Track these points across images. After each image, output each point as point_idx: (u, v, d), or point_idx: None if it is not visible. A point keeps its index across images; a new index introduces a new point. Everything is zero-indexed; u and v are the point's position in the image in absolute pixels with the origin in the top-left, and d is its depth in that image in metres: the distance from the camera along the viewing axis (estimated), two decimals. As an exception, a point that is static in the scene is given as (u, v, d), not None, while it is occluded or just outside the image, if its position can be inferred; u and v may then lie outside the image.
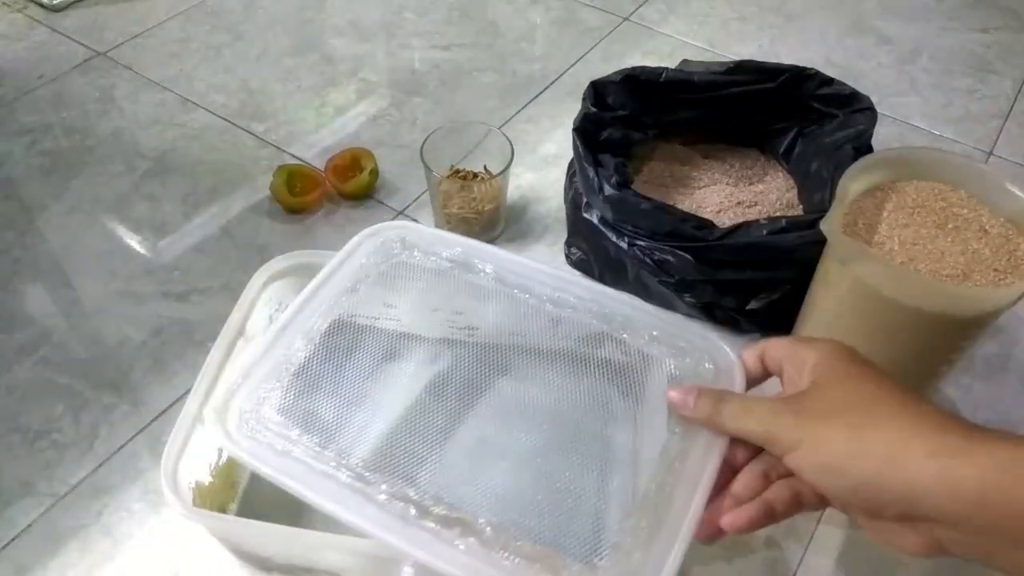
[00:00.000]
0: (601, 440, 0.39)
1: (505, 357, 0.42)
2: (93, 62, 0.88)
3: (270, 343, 0.40)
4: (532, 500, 0.36)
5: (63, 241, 0.69)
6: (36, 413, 0.57)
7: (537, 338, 0.43)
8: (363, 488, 0.35)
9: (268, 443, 0.37)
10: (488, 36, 0.92)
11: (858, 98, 0.65)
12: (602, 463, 0.38)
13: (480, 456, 0.38)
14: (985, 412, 0.57)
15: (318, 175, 0.72)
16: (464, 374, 0.42)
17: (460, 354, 0.43)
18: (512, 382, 0.42)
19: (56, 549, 0.50)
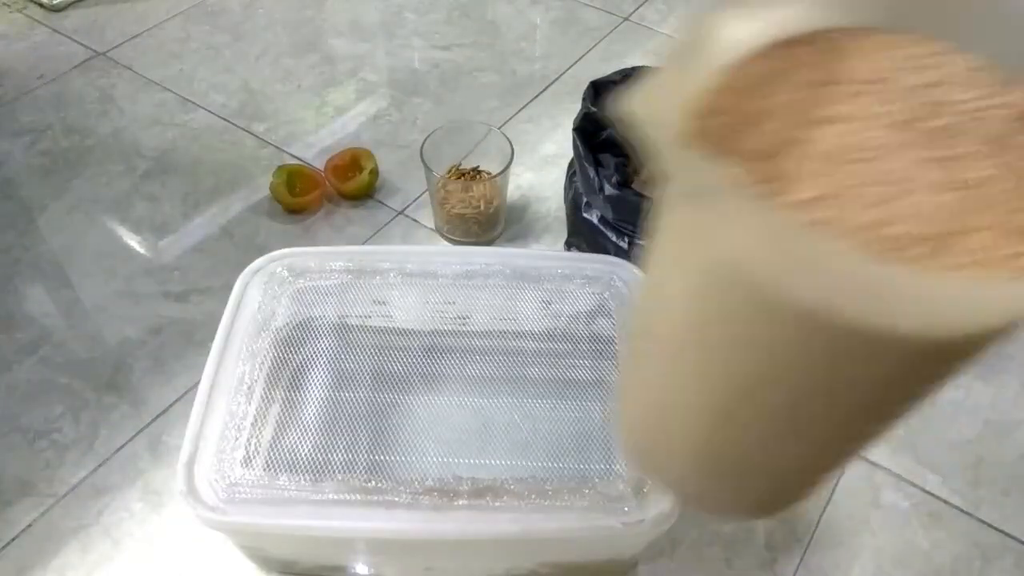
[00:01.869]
0: (589, 382, 0.40)
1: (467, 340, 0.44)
2: (93, 62, 0.88)
3: (204, 411, 0.41)
4: (545, 450, 0.37)
5: (63, 241, 0.69)
6: (36, 413, 0.57)
7: (486, 317, 0.44)
8: (380, 497, 0.36)
9: (262, 499, 0.37)
10: (488, 36, 0.92)
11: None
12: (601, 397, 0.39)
13: (477, 428, 0.39)
14: (986, 412, 0.57)
15: (318, 175, 0.72)
16: (419, 362, 0.43)
17: (402, 342, 0.44)
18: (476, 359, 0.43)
19: (56, 549, 0.50)
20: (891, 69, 0.21)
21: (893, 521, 0.51)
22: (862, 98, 0.20)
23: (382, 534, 0.38)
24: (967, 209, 0.18)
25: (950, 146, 0.19)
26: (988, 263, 0.17)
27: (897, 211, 0.18)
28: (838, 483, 0.53)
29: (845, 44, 0.21)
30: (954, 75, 0.21)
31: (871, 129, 0.19)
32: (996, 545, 0.51)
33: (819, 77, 0.21)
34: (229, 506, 0.38)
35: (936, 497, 0.53)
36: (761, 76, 0.21)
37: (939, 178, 0.18)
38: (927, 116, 0.20)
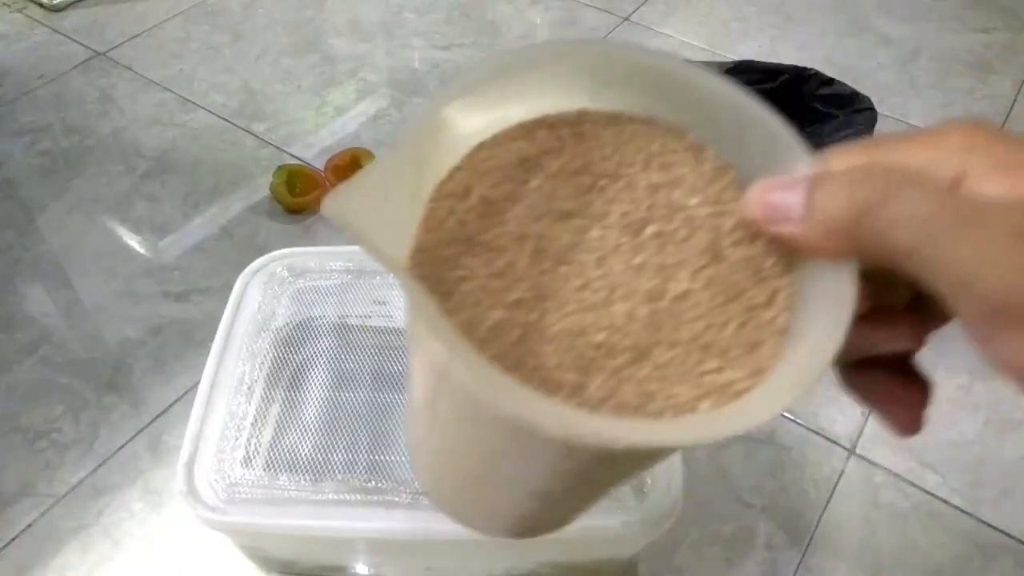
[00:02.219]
0: None
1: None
2: (93, 62, 0.88)
3: (204, 411, 0.41)
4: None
5: (63, 241, 0.69)
6: (36, 413, 0.57)
7: None
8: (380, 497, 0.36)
9: (262, 499, 0.37)
10: (488, 36, 0.92)
11: (858, 98, 0.65)
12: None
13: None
14: (985, 412, 0.57)
15: (318, 175, 0.72)
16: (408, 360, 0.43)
17: (401, 342, 0.44)
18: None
19: (56, 549, 0.50)
20: (637, 163, 0.20)
21: (893, 521, 0.51)
22: (602, 194, 0.20)
23: (382, 534, 0.38)
24: (662, 322, 0.18)
25: (670, 253, 0.19)
26: (674, 378, 0.17)
27: (599, 319, 0.18)
28: (838, 483, 0.54)
29: (600, 132, 0.20)
30: (690, 177, 0.20)
31: (602, 228, 0.19)
32: (996, 545, 0.51)
33: (568, 166, 0.20)
34: (229, 506, 0.38)
35: (936, 497, 0.53)
36: (512, 160, 0.20)
37: (649, 287, 0.18)
38: (658, 219, 0.19)
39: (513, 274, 0.18)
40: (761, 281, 0.19)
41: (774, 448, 0.55)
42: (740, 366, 0.18)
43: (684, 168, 0.20)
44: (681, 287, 0.18)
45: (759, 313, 0.18)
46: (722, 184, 0.20)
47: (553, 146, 0.20)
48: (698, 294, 0.18)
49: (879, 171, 0.16)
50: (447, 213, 0.19)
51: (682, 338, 0.18)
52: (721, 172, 0.20)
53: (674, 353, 0.18)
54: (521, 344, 0.17)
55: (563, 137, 0.20)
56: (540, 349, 0.17)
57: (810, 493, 0.53)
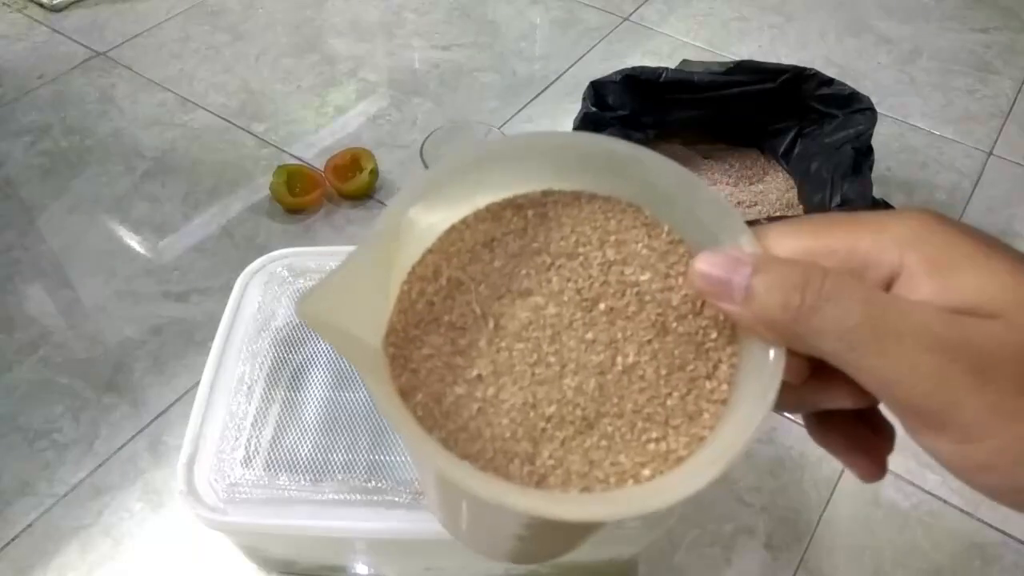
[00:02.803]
0: None
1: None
2: (93, 62, 0.88)
3: (204, 411, 0.41)
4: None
5: (63, 241, 0.69)
6: (36, 413, 0.57)
7: None
8: (380, 497, 0.36)
9: (262, 499, 0.37)
10: (488, 36, 0.92)
11: (858, 98, 0.65)
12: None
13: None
14: (985, 412, 0.57)
15: (318, 175, 0.72)
16: None
17: None
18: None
19: (56, 549, 0.50)
20: (592, 241, 0.22)
21: (893, 521, 0.51)
22: (559, 272, 0.21)
23: (382, 534, 0.38)
24: (610, 394, 0.20)
25: (620, 328, 0.20)
26: (619, 447, 0.19)
27: (551, 393, 0.20)
28: (838, 483, 0.54)
29: (562, 211, 0.22)
30: (643, 252, 0.21)
31: (558, 305, 0.21)
32: (996, 545, 0.51)
33: (530, 247, 0.22)
34: (229, 506, 0.38)
35: (936, 497, 0.53)
36: (480, 241, 0.22)
37: (598, 360, 0.20)
38: (610, 295, 0.21)
39: (474, 352, 0.20)
40: (704, 353, 0.20)
41: (774, 448, 0.55)
42: (681, 435, 0.19)
43: (637, 244, 0.21)
44: (629, 360, 0.20)
45: (701, 384, 0.20)
46: (674, 259, 0.21)
47: (518, 226, 0.22)
48: (644, 366, 0.20)
49: (814, 276, 0.17)
50: (418, 295, 0.21)
51: (627, 409, 0.19)
52: (674, 247, 0.21)
53: (619, 423, 0.19)
54: (480, 416, 0.19)
55: (528, 217, 0.22)
56: (497, 421, 0.19)
57: (810, 493, 0.53)
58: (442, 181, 0.21)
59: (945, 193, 0.74)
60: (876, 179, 0.63)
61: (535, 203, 0.22)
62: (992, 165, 0.77)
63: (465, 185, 0.22)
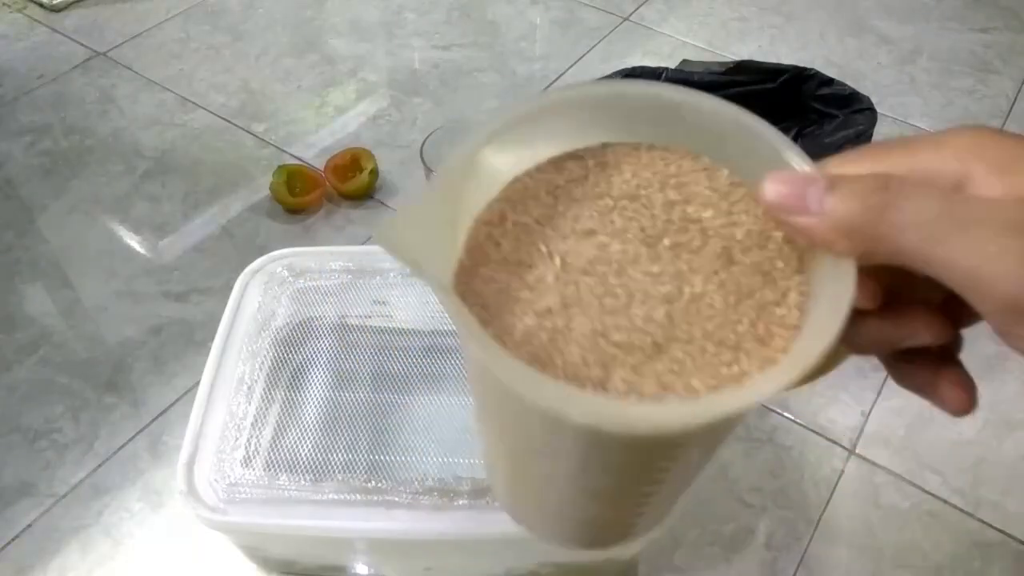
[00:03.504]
0: None
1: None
2: (93, 62, 0.88)
3: (204, 411, 0.41)
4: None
5: (63, 241, 0.69)
6: (36, 413, 0.57)
7: None
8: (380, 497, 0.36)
9: (262, 499, 0.37)
10: (488, 36, 0.92)
11: (858, 98, 0.65)
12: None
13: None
14: (985, 412, 0.57)
15: (318, 175, 0.72)
16: (419, 362, 0.43)
17: (402, 342, 0.44)
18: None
19: (56, 549, 0.50)
20: (654, 184, 0.22)
21: (893, 521, 0.51)
22: (622, 213, 0.22)
23: (382, 534, 0.38)
24: (678, 322, 0.20)
25: (685, 261, 0.21)
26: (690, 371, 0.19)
27: (619, 321, 0.20)
28: (838, 483, 0.54)
29: (621, 160, 0.23)
30: (704, 193, 0.22)
31: (622, 243, 0.21)
32: (996, 545, 0.51)
33: (592, 191, 0.22)
34: (229, 506, 0.38)
35: (936, 497, 0.53)
36: (542, 189, 0.23)
37: (665, 291, 0.20)
38: (674, 231, 0.22)
39: (542, 286, 0.21)
40: (772, 282, 0.20)
41: (774, 448, 0.55)
42: (753, 358, 0.19)
43: (698, 186, 0.22)
44: (696, 290, 0.20)
45: (771, 310, 0.20)
46: (735, 197, 0.22)
47: (579, 175, 0.23)
48: (712, 295, 0.20)
49: (890, 180, 0.17)
50: (485, 237, 0.22)
51: (697, 335, 0.20)
52: (734, 187, 0.22)
53: (690, 348, 0.19)
54: (550, 345, 0.20)
55: (588, 166, 0.23)
56: (567, 349, 0.19)
57: (810, 493, 0.53)
58: (509, 126, 0.22)
59: (945, 193, 0.74)
60: (876, 179, 0.63)
61: (595, 154, 0.23)
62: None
63: (527, 134, 0.22)
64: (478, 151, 0.22)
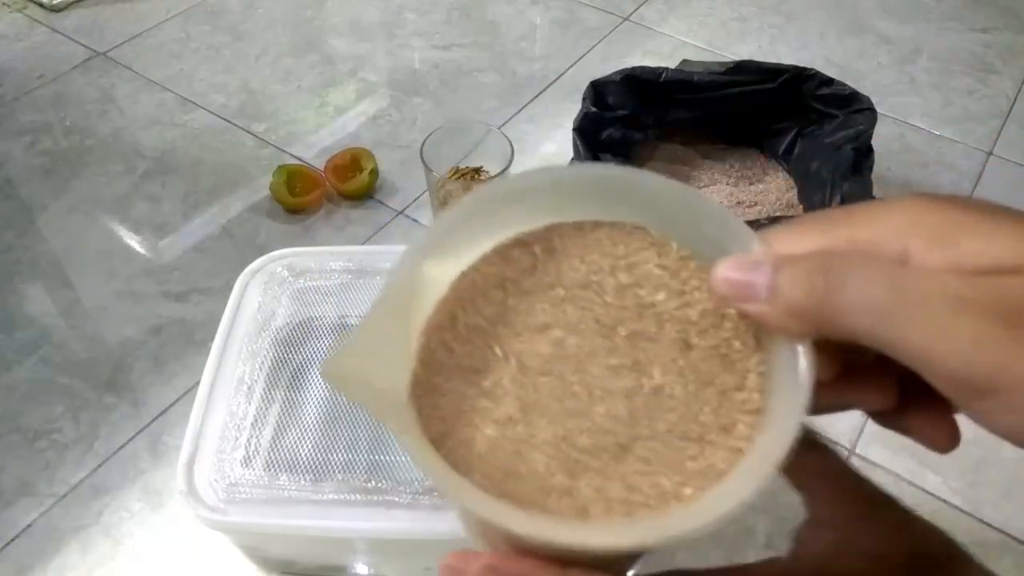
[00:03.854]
0: None
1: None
2: (93, 62, 0.88)
3: (204, 411, 0.41)
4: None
5: (63, 241, 0.69)
6: (36, 413, 0.57)
7: None
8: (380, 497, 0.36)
9: (262, 499, 0.37)
10: (488, 36, 0.92)
11: (858, 98, 0.65)
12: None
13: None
14: (985, 412, 0.57)
15: (318, 175, 0.72)
16: None
17: None
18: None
19: (56, 549, 0.50)
20: (603, 267, 0.22)
21: (893, 521, 0.51)
22: (575, 303, 0.21)
23: (382, 534, 0.38)
24: (640, 417, 0.19)
25: (642, 350, 0.20)
26: (657, 469, 0.19)
27: (581, 423, 0.19)
28: (838, 483, 0.54)
29: (568, 243, 0.22)
30: (655, 272, 0.21)
31: (578, 336, 0.21)
32: (996, 545, 0.51)
33: (542, 281, 0.22)
34: (229, 506, 0.38)
35: (936, 497, 0.53)
36: (492, 284, 0.22)
37: (625, 385, 0.20)
38: (628, 319, 0.21)
39: (500, 391, 0.20)
40: (731, 365, 0.20)
41: (774, 448, 0.55)
42: (718, 449, 0.19)
43: (648, 265, 0.21)
44: (655, 381, 0.20)
45: (732, 396, 0.20)
46: (686, 274, 0.21)
47: (527, 264, 0.22)
48: (672, 385, 0.20)
49: (834, 259, 0.17)
50: (437, 344, 0.21)
51: (660, 430, 0.19)
52: (684, 263, 0.21)
53: (655, 445, 0.19)
54: (514, 455, 0.19)
55: (536, 253, 0.22)
56: (530, 457, 0.19)
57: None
58: (447, 232, 0.21)
59: (945, 193, 0.74)
60: (876, 179, 0.63)
61: (541, 238, 0.22)
62: (992, 165, 0.77)
63: (470, 232, 0.22)
64: (418, 267, 0.21)
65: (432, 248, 0.21)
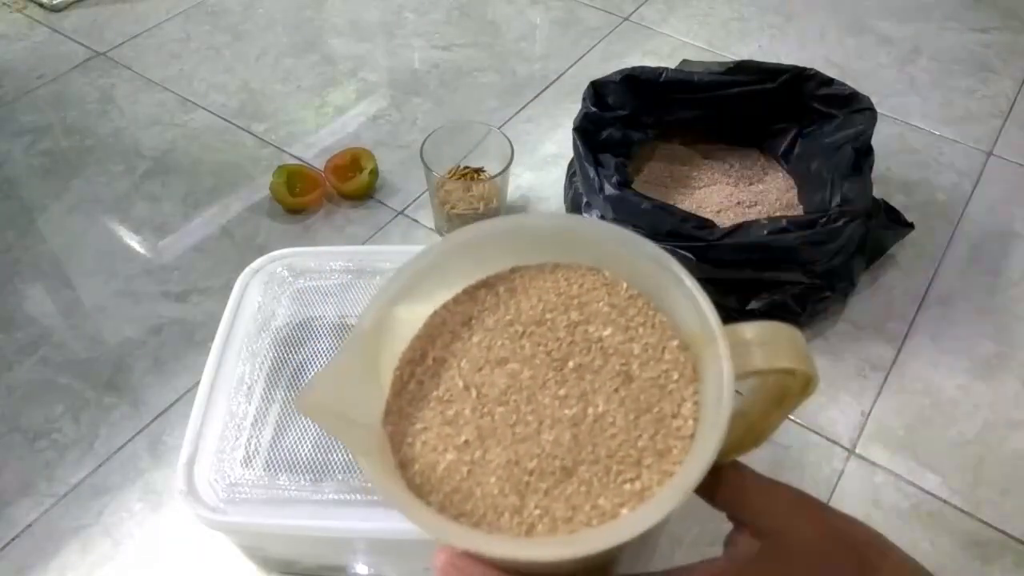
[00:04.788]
0: None
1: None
2: (93, 62, 0.88)
3: (204, 411, 0.41)
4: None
5: (63, 241, 0.69)
6: (36, 413, 0.57)
7: None
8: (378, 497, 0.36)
9: (262, 499, 0.37)
10: (488, 36, 0.92)
11: (858, 98, 0.65)
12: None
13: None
14: (985, 412, 0.57)
15: (318, 175, 0.72)
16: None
17: None
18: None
19: (56, 549, 0.50)
20: (557, 306, 0.24)
21: (893, 521, 0.51)
22: (530, 338, 0.24)
23: (382, 534, 0.38)
24: (584, 443, 0.22)
25: (588, 381, 0.23)
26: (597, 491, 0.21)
27: (531, 448, 0.22)
28: (838, 483, 0.54)
29: (528, 284, 0.25)
30: (604, 310, 0.24)
31: (532, 368, 0.23)
32: (996, 545, 0.51)
33: (503, 319, 0.24)
34: (229, 506, 0.38)
35: (936, 497, 0.53)
36: (459, 321, 0.25)
37: (571, 414, 0.22)
38: (577, 353, 0.23)
39: (461, 420, 0.22)
40: (668, 394, 0.22)
41: (773, 448, 0.55)
42: (653, 472, 0.21)
43: (599, 303, 0.24)
44: (599, 410, 0.22)
45: (668, 423, 0.22)
46: (633, 311, 0.24)
47: (491, 303, 0.25)
48: (614, 413, 0.22)
49: None
50: (409, 376, 0.24)
51: (602, 455, 0.21)
52: (632, 300, 0.24)
53: (596, 469, 0.21)
54: (470, 478, 0.21)
55: (499, 293, 0.25)
56: (485, 480, 0.21)
57: (810, 493, 0.53)
58: (415, 278, 0.24)
59: (945, 193, 0.74)
60: (876, 179, 0.63)
61: (504, 280, 0.25)
62: (992, 165, 0.77)
63: (443, 275, 0.24)
64: (392, 308, 0.23)
65: (401, 295, 0.24)
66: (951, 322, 0.63)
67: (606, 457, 0.21)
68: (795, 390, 0.22)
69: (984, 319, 0.63)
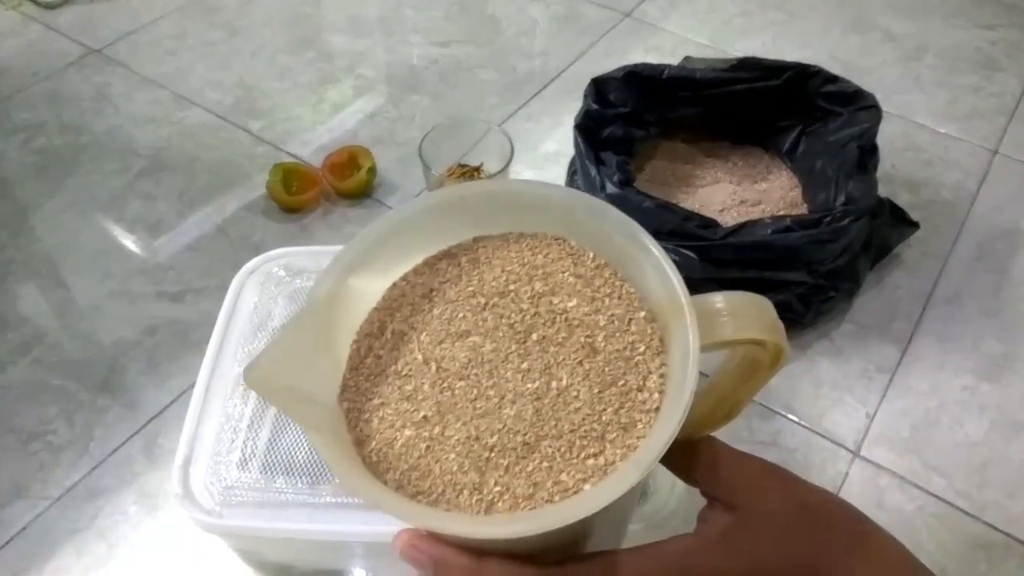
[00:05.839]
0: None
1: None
2: (88, 59, 0.87)
3: (200, 413, 0.40)
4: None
5: (57, 240, 0.68)
6: (30, 415, 0.56)
7: None
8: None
9: (258, 502, 0.37)
10: (488, 32, 0.91)
11: (862, 95, 0.65)
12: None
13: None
14: (991, 414, 0.57)
15: (315, 173, 0.71)
16: None
17: None
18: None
19: (50, 552, 0.49)
20: (521, 277, 0.23)
21: (898, 523, 0.51)
22: (493, 310, 0.23)
23: (379, 538, 0.38)
24: (547, 418, 0.21)
25: (552, 354, 0.22)
26: (560, 467, 0.20)
27: (492, 424, 0.21)
28: (842, 485, 0.53)
29: (491, 254, 0.24)
30: (569, 281, 0.23)
31: (494, 341, 0.22)
32: (1001, 547, 0.50)
33: (465, 291, 0.23)
34: (225, 509, 0.38)
35: (941, 499, 0.52)
36: (419, 293, 0.24)
37: (534, 388, 0.21)
38: (541, 325, 0.22)
39: (420, 395, 0.22)
40: (635, 367, 0.21)
41: (778, 450, 0.54)
42: (617, 447, 0.20)
43: (564, 274, 0.23)
44: (563, 384, 0.21)
45: (633, 396, 0.21)
46: (600, 282, 0.23)
47: (453, 274, 0.24)
48: (578, 387, 0.21)
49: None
50: (367, 351, 0.23)
51: (565, 430, 0.21)
52: (599, 270, 0.23)
53: (558, 444, 0.20)
54: (428, 454, 0.21)
55: (461, 264, 0.24)
56: (444, 457, 0.20)
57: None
58: (371, 248, 0.23)
59: (950, 192, 0.73)
60: (881, 177, 0.63)
61: (467, 250, 0.24)
62: (998, 163, 0.76)
63: (402, 244, 0.23)
64: (341, 281, 0.22)
65: (355, 263, 0.22)
66: (957, 322, 0.62)
67: (569, 432, 0.20)
68: (766, 363, 0.22)
69: (990, 319, 0.62)
